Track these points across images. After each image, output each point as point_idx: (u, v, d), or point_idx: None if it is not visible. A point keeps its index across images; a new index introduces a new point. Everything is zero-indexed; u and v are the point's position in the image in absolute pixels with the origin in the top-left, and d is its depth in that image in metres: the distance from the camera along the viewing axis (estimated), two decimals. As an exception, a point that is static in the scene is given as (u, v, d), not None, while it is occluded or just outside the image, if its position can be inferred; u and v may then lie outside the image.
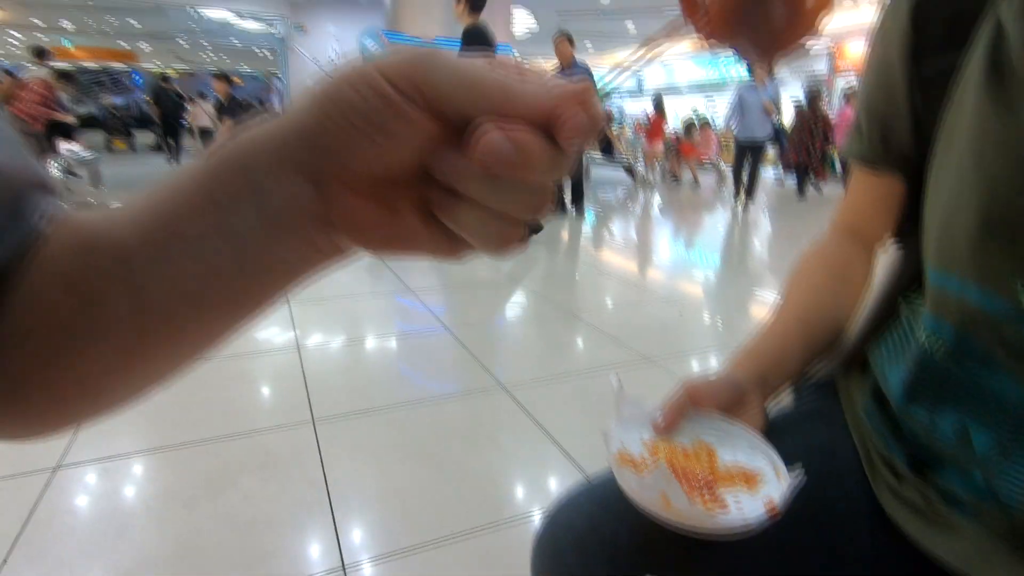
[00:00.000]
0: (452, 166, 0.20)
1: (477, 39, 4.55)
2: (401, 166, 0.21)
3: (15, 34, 16.70)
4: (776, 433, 0.53)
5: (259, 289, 0.24)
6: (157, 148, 11.23)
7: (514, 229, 0.21)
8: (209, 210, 0.21)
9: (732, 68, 16.61)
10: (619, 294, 3.35)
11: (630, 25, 12.49)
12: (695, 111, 11.96)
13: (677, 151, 10.52)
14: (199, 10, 11.40)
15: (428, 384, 2.09)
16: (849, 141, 0.61)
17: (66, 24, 15.21)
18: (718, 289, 3.52)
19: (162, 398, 0.46)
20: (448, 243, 0.22)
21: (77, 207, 0.26)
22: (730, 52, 0.31)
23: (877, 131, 0.58)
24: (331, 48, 9.96)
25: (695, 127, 10.73)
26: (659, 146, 9.84)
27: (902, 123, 0.55)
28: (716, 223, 6.57)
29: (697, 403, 0.53)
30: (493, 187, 0.20)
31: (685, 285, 3.62)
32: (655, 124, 9.86)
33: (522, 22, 11.65)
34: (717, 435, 0.53)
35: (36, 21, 14.78)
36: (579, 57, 5.05)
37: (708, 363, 2.39)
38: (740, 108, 6.22)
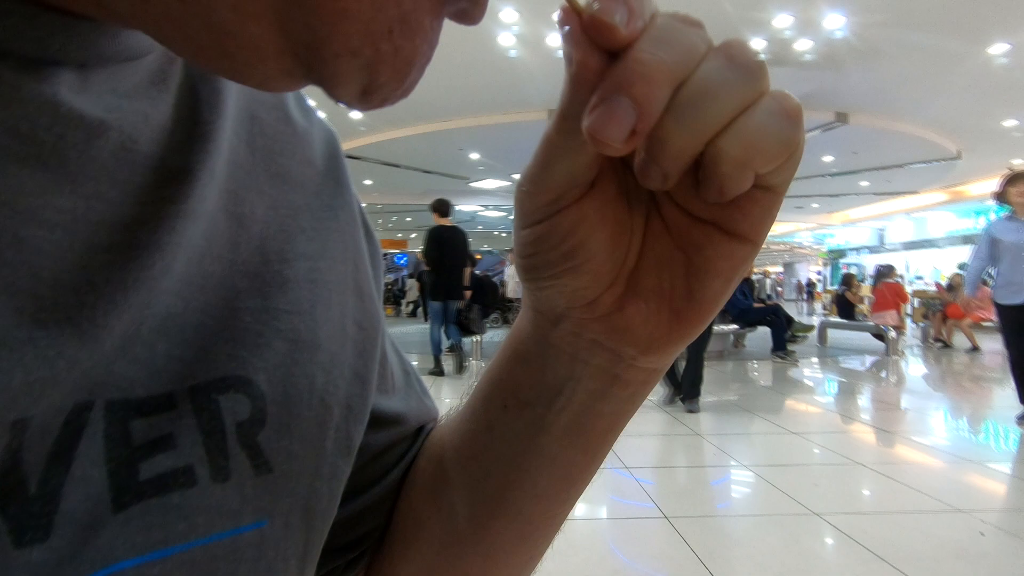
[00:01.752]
0: (689, 203, 0.19)
1: (437, 238, 5.46)
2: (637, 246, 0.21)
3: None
4: None
5: (596, 450, 0.26)
6: (412, 314, 13.67)
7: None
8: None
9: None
10: (881, 494, 2.71)
11: (864, 183, 11.70)
12: (961, 266, 10.17)
13: (943, 312, 8.91)
14: (456, 206, 14.17)
15: (641, 585, 1.86)
16: None
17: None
18: (1035, 499, 2.61)
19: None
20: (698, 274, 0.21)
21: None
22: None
23: None
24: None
25: (962, 283, 9.07)
26: (891, 317, 8.39)
27: None
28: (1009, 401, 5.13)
29: None
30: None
31: (982, 490, 2.79)
32: (880, 296, 8.56)
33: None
34: None
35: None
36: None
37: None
38: (994, 255, 3.90)
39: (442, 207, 5.60)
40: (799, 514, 2.40)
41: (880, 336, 8.36)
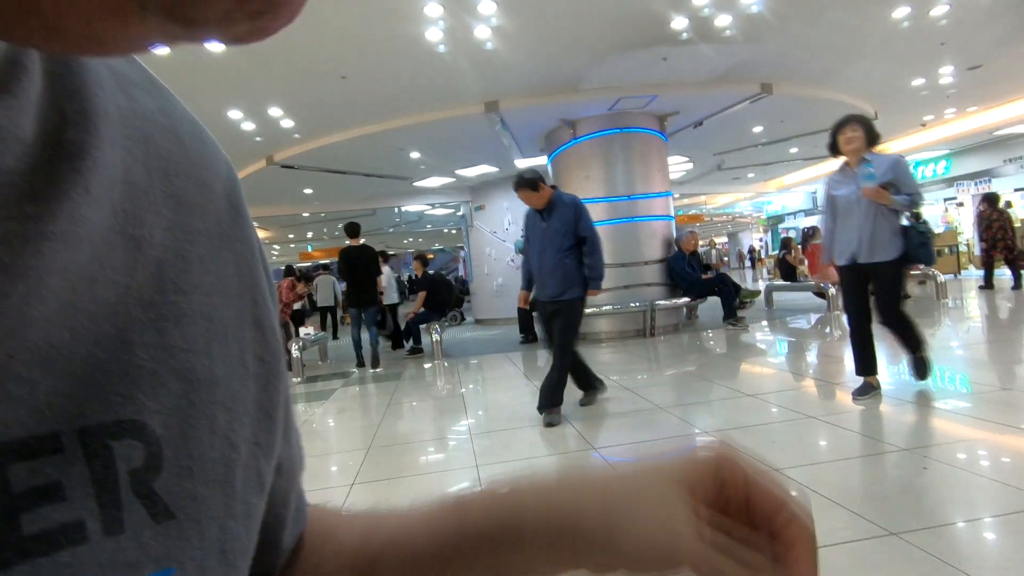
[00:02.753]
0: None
1: (345, 257, 6.82)
2: None
3: (276, 247, 21.94)
4: None
5: None
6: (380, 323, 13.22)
7: None
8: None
9: (928, 167, 15.03)
10: (834, 443, 2.86)
11: (793, 149, 12.22)
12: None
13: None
14: (401, 207, 13.91)
15: None
16: None
17: (309, 234, 19.64)
18: (971, 422, 2.82)
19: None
20: None
21: (306, 379, 0.33)
22: None
23: None
24: (505, 220, 11.23)
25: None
26: (829, 274, 8.90)
27: None
28: (946, 340, 5.51)
29: None
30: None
31: (921, 428, 2.98)
32: (812, 257, 9.05)
33: (679, 167, 12.09)
34: None
35: (291, 236, 19.30)
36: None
37: (981, 539, 1.85)
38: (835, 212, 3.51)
39: (351, 229, 6.87)
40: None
41: (821, 294, 8.79)
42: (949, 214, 14.84)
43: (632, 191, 7.55)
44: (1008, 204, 10.46)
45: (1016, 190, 12.86)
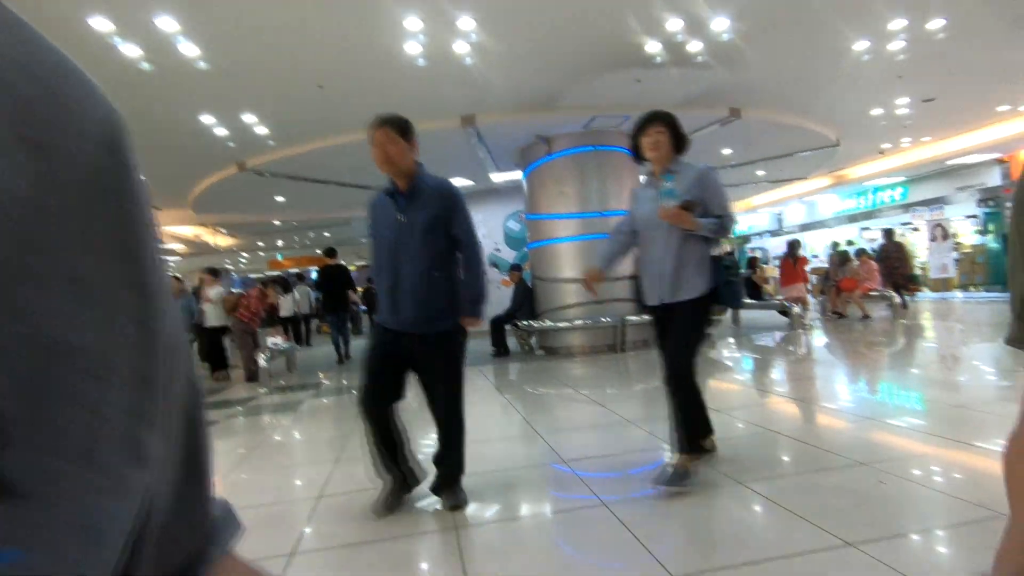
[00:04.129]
0: None
1: (323, 274, 8.80)
2: None
3: (244, 254, 21.52)
4: None
5: None
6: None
7: None
8: None
9: (887, 193, 15.68)
10: (795, 457, 2.94)
11: (760, 172, 12.60)
12: (848, 242, 11.23)
13: (836, 286, 9.76)
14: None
15: (581, 572, 1.92)
16: (1013, 330, 0.55)
17: (279, 243, 19.29)
18: (920, 437, 2.94)
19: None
20: None
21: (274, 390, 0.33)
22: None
23: None
24: (480, 231, 11.28)
25: (851, 259, 10.01)
26: (799, 290, 9.25)
27: None
28: (904, 361, 5.73)
29: None
30: None
31: (879, 443, 3.10)
32: (788, 269, 9.38)
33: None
34: None
35: (260, 243, 18.94)
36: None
37: (933, 550, 1.93)
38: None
39: (329, 251, 8.86)
40: (725, 485, 2.57)
41: (785, 312, 9.04)
42: (906, 239, 15.48)
43: (606, 207, 7.68)
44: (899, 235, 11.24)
45: (968, 216, 13.47)
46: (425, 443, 3.29)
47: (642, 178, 2.89)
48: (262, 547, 2.26)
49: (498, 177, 10.13)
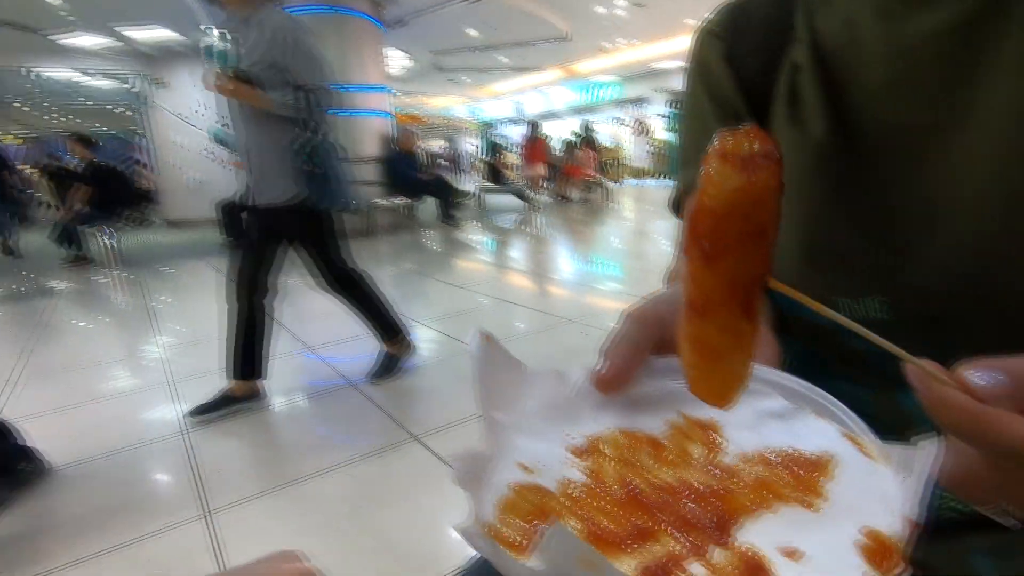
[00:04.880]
0: None
1: None
2: None
3: None
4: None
5: None
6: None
7: None
8: None
9: (605, 90, 17.73)
10: (525, 322, 3.38)
11: (503, 58, 12.96)
12: (574, 133, 12.58)
13: (563, 172, 10.97)
14: (36, 71, 10.39)
15: (335, 449, 1.96)
16: (682, 175, 0.62)
17: None
18: (618, 296, 3.65)
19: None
20: None
21: None
22: None
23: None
24: (195, 100, 9.44)
25: (576, 148, 11.28)
26: (539, 169, 10.25)
27: None
28: (610, 236, 6.88)
29: (658, 337, 0.34)
30: None
31: (586, 304, 3.73)
32: (530, 149, 10.25)
33: (397, 62, 11.71)
34: None
35: None
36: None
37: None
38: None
39: None
40: (464, 352, 2.83)
41: (522, 196, 9.91)
42: (616, 132, 17.99)
43: (348, 81, 7.08)
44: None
45: (658, 115, 16.16)
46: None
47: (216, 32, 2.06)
48: None
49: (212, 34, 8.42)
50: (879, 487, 0.23)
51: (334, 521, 1.54)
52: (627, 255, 5.54)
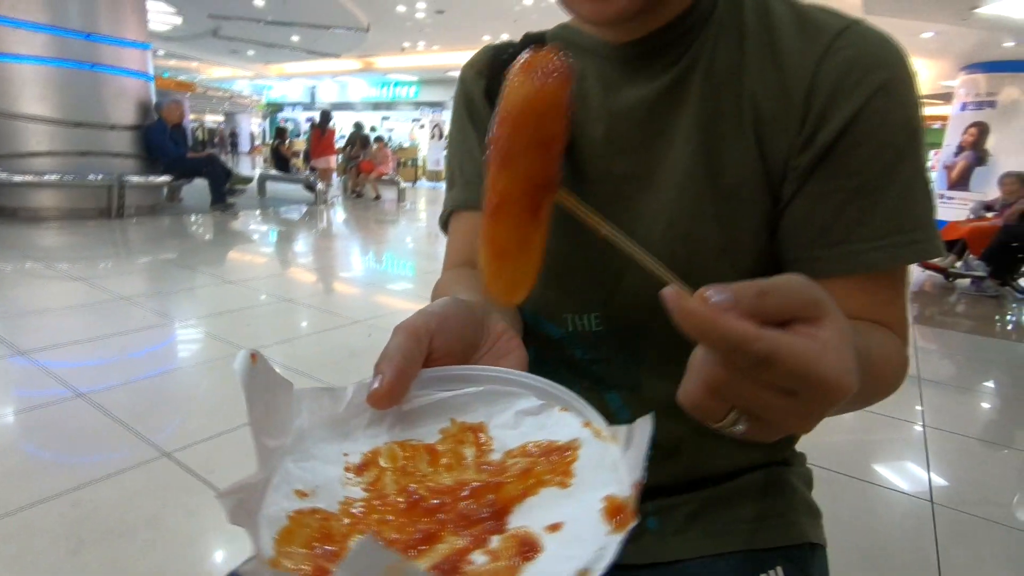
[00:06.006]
0: None
1: None
2: None
3: None
4: None
5: None
6: None
7: None
8: None
9: (404, 89, 17.62)
10: (307, 322, 3.20)
11: (295, 37, 12.05)
12: (372, 128, 12.27)
13: (357, 168, 10.63)
14: None
15: (55, 475, 1.63)
16: (450, 196, 0.66)
17: None
18: (407, 296, 3.68)
19: None
20: None
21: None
22: None
23: (473, 175, 0.63)
24: None
25: (370, 143, 11.02)
26: (331, 161, 9.75)
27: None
28: (403, 236, 6.87)
29: (423, 347, 0.36)
30: None
31: (375, 303, 3.68)
32: (321, 139, 9.70)
33: (162, 18, 10.08)
34: (476, 398, 0.35)
35: None
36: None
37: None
38: None
39: None
40: (231, 355, 2.58)
41: (311, 187, 9.34)
42: (413, 133, 18.06)
43: (94, 30, 5.88)
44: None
45: (457, 123, 16.70)
46: None
47: None
48: None
49: None
50: (612, 461, 0.28)
51: (54, 562, 1.28)
52: (419, 255, 5.60)
